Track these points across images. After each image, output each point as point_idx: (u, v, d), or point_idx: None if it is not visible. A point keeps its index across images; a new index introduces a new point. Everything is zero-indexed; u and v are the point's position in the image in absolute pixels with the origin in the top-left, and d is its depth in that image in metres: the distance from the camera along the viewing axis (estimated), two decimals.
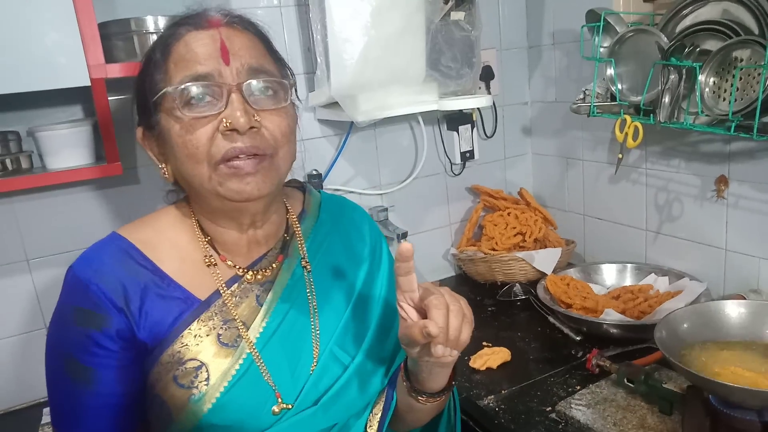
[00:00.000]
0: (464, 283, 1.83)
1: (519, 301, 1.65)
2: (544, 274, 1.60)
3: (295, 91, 0.85)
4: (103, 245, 0.81)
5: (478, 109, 1.80)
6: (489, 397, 1.21)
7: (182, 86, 0.73)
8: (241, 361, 0.79)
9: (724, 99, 1.21)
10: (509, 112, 1.91)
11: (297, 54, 1.56)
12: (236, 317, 0.80)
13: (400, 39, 1.43)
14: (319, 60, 1.44)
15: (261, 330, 0.81)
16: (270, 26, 1.47)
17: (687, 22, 1.28)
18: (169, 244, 0.82)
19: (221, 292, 0.81)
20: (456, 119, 1.77)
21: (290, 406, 0.81)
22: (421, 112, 1.62)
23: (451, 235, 1.90)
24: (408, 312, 0.75)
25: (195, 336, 0.78)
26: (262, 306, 0.82)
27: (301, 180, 1.58)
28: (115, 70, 1.16)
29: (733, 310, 1.09)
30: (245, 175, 0.74)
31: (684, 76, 1.25)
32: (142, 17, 1.21)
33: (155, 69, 0.77)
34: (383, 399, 0.89)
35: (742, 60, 1.18)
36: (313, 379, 0.83)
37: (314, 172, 1.60)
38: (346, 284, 0.91)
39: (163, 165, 0.81)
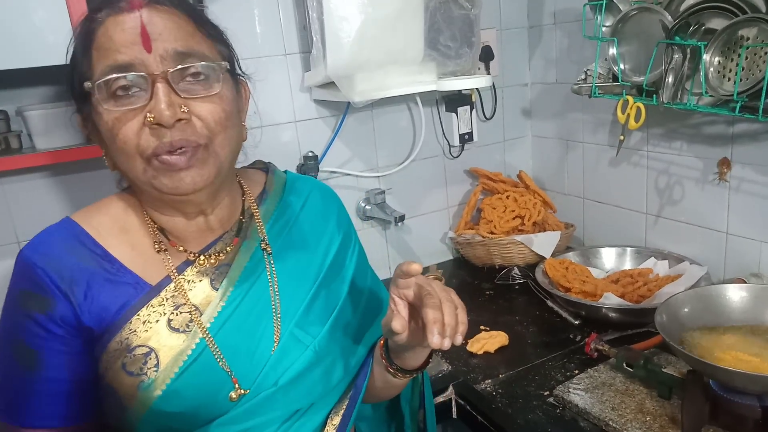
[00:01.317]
0: (462, 267, 1.82)
1: (517, 285, 1.64)
2: (542, 258, 1.59)
3: (238, 65, 0.81)
4: (54, 230, 0.79)
5: (477, 90, 1.78)
6: (486, 381, 1.20)
7: (103, 79, 0.69)
8: (193, 346, 0.77)
9: (729, 79, 1.18)
10: (509, 94, 1.88)
11: (292, 33, 1.52)
12: (188, 302, 0.78)
13: (398, 17, 1.40)
14: (314, 39, 1.41)
15: (216, 314, 0.79)
16: (265, 4, 1.46)
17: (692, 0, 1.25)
18: (120, 230, 0.80)
19: (172, 277, 0.79)
20: (455, 100, 1.74)
21: (247, 391, 0.79)
22: (419, 93, 1.59)
23: (449, 218, 1.89)
24: (398, 306, 0.76)
25: (144, 322, 0.76)
26: (217, 290, 0.80)
27: (299, 161, 1.58)
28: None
29: (735, 294, 1.08)
30: (179, 170, 0.71)
31: (688, 56, 1.22)
32: None
33: (79, 58, 0.73)
34: (350, 391, 0.88)
35: (748, 39, 1.15)
36: (272, 361, 0.81)
37: (310, 154, 1.58)
38: (313, 266, 0.88)
39: (104, 154, 0.78)
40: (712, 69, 1.20)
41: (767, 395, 0.90)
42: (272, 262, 0.85)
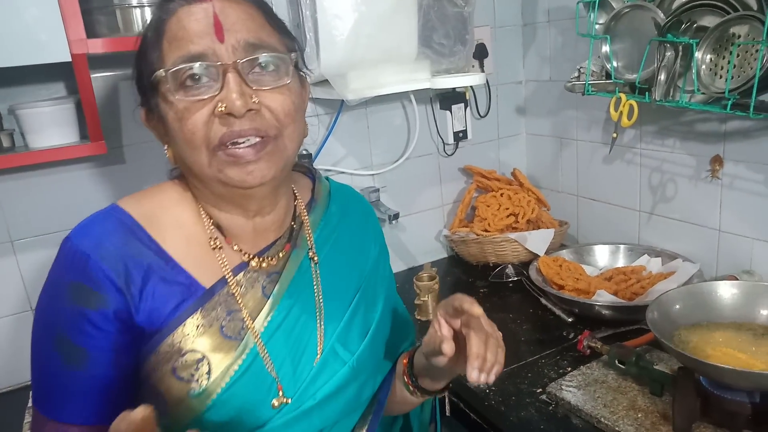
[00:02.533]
0: (456, 265, 1.82)
1: (511, 283, 1.64)
2: (536, 256, 1.59)
3: (303, 62, 0.80)
4: (104, 217, 0.75)
5: (471, 88, 1.78)
6: None
7: (174, 68, 0.68)
8: (244, 356, 0.75)
9: (721, 76, 1.19)
10: (503, 92, 1.88)
11: None
12: (241, 308, 0.77)
13: (392, 15, 1.40)
14: (308, 36, 1.40)
15: (266, 323, 0.77)
16: None
17: None
18: (174, 222, 0.77)
19: (228, 279, 0.77)
20: (449, 98, 1.74)
21: (289, 401, 0.78)
22: (413, 91, 1.59)
23: (444, 216, 1.89)
24: (443, 327, 0.76)
25: (197, 327, 0.74)
26: (268, 298, 0.78)
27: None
28: (97, 46, 1.13)
29: (726, 291, 1.08)
30: (246, 163, 0.70)
31: (680, 53, 1.22)
32: None
33: (150, 48, 0.72)
34: (373, 406, 0.89)
35: (739, 36, 1.15)
36: (313, 374, 0.80)
37: (304, 152, 1.57)
38: (353, 279, 0.88)
39: (167, 147, 0.77)
40: (704, 66, 1.21)
41: (757, 391, 0.91)
42: (318, 272, 0.84)
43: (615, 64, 1.39)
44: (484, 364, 0.71)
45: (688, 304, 1.08)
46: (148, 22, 0.74)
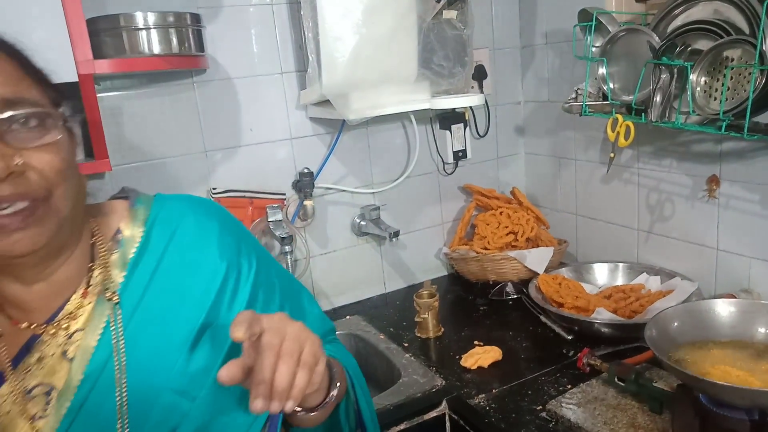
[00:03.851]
0: (456, 283, 1.83)
1: (511, 301, 1.65)
2: (536, 274, 1.60)
3: (67, 114, 0.70)
4: None
5: (470, 108, 1.80)
6: (480, 396, 1.21)
7: None
8: None
9: (715, 98, 1.21)
10: (502, 112, 1.91)
11: (288, 51, 1.55)
12: (41, 383, 0.68)
13: (392, 37, 1.43)
14: (310, 58, 1.43)
15: (75, 391, 0.68)
16: (261, 23, 1.49)
17: (678, 21, 1.28)
18: None
19: (18, 360, 0.69)
20: (448, 118, 1.76)
21: None
22: (413, 111, 1.61)
23: (444, 234, 1.90)
24: (245, 352, 0.64)
25: None
26: (72, 361, 0.69)
27: (294, 178, 1.59)
28: (104, 66, 1.15)
29: (724, 310, 1.09)
30: (11, 232, 0.62)
31: (675, 76, 1.25)
32: (131, 13, 1.20)
33: None
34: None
35: (733, 59, 1.18)
36: (149, 428, 0.70)
37: (306, 171, 1.59)
38: (189, 311, 0.74)
39: None
40: (698, 89, 1.23)
41: (756, 409, 0.91)
42: (119, 319, 0.71)
43: (611, 85, 1.41)
44: (271, 390, 0.61)
45: (686, 322, 1.08)
46: None
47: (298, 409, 0.73)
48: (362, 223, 1.71)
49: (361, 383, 0.87)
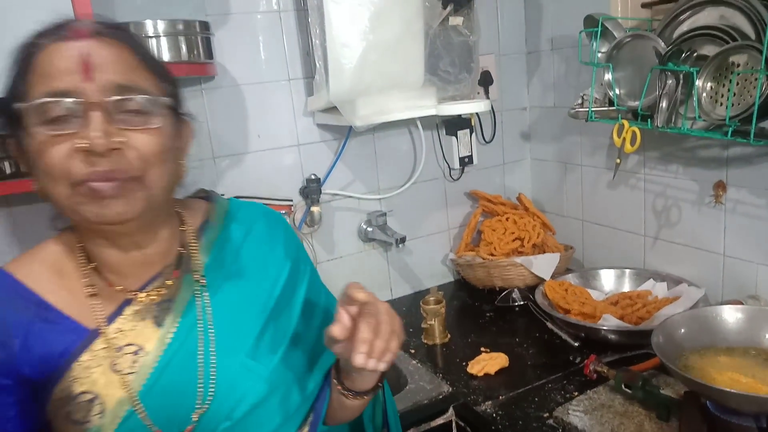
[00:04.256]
0: (462, 289, 1.83)
1: (517, 307, 1.65)
2: (542, 280, 1.60)
3: (179, 105, 0.79)
4: None
5: (476, 114, 1.81)
6: (487, 403, 1.21)
7: (38, 102, 0.68)
8: (140, 388, 0.75)
9: (722, 104, 1.21)
10: (508, 118, 1.91)
11: (296, 58, 1.56)
12: (131, 343, 0.76)
13: (399, 44, 1.44)
14: (317, 65, 1.44)
15: (162, 352, 0.77)
16: (269, 30, 1.50)
17: (684, 27, 1.29)
18: (56, 274, 0.78)
19: (111, 319, 0.77)
20: (455, 124, 1.77)
21: (191, 428, 0.77)
22: (419, 117, 1.62)
23: (450, 240, 1.90)
24: (343, 318, 0.75)
25: (86, 368, 0.74)
26: (161, 327, 0.78)
27: (301, 184, 1.60)
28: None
29: (731, 316, 1.09)
30: (103, 198, 0.69)
31: (681, 81, 1.25)
32: (141, 21, 1.22)
33: (17, 80, 0.72)
34: (310, 416, 0.87)
35: (739, 65, 1.18)
36: (222, 394, 0.79)
37: (313, 177, 1.60)
38: (259, 296, 0.86)
39: (34, 180, 0.75)
40: (704, 94, 1.23)
41: (763, 415, 0.91)
42: (206, 295, 0.82)
43: (617, 91, 1.42)
44: (371, 349, 0.72)
45: (693, 329, 1.08)
46: (18, 53, 0.73)
47: (348, 392, 0.85)
48: (369, 229, 1.72)
49: (387, 387, 0.97)
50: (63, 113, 0.68)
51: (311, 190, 1.59)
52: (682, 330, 1.08)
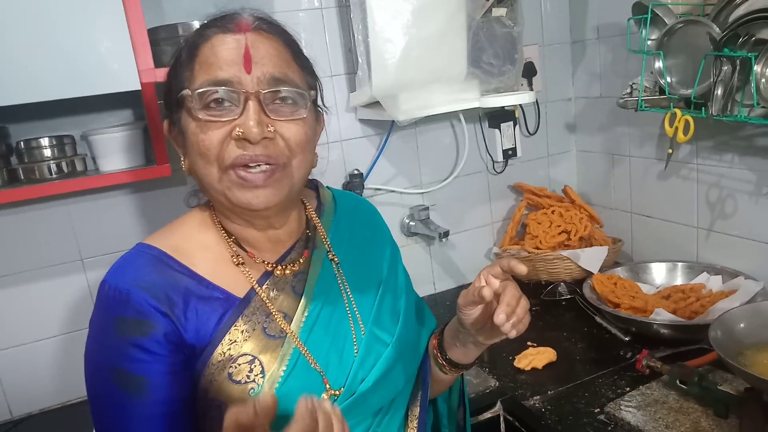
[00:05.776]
0: None
1: (564, 301, 1.62)
2: (590, 273, 1.57)
3: (321, 98, 0.86)
4: (134, 255, 0.80)
5: (520, 105, 1.78)
6: (535, 398, 1.19)
7: (201, 89, 0.74)
8: (291, 351, 0.80)
9: None
10: (552, 109, 1.88)
11: (338, 55, 1.57)
12: (277, 310, 0.82)
13: (442, 37, 1.43)
14: (360, 60, 1.45)
15: (304, 319, 0.82)
16: (311, 27, 1.51)
17: (741, 10, 1.23)
18: (199, 246, 0.83)
19: (255, 289, 0.82)
20: (498, 116, 1.75)
21: (339, 392, 0.81)
22: (462, 110, 1.61)
23: (494, 233, 1.88)
24: (491, 280, 0.83)
25: (242, 332, 0.78)
26: (300, 297, 0.84)
27: (344, 179, 1.62)
28: (164, 74, 1.19)
29: None
30: (254, 187, 0.75)
31: (738, 67, 1.20)
32: (189, 22, 1.24)
33: (182, 68, 0.78)
34: (419, 384, 0.95)
35: None
36: (358, 361, 0.84)
37: (356, 172, 1.61)
38: (374, 272, 0.94)
39: (184, 158, 0.82)
40: (763, 80, 1.18)
41: None
42: (340, 269, 0.90)
43: (669, 79, 1.37)
44: (512, 314, 0.79)
45: (753, 323, 1.05)
46: (184, 43, 0.80)
47: (448, 364, 0.95)
48: (411, 223, 1.72)
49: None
50: (222, 100, 0.74)
51: (354, 185, 1.60)
52: (742, 324, 1.04)
